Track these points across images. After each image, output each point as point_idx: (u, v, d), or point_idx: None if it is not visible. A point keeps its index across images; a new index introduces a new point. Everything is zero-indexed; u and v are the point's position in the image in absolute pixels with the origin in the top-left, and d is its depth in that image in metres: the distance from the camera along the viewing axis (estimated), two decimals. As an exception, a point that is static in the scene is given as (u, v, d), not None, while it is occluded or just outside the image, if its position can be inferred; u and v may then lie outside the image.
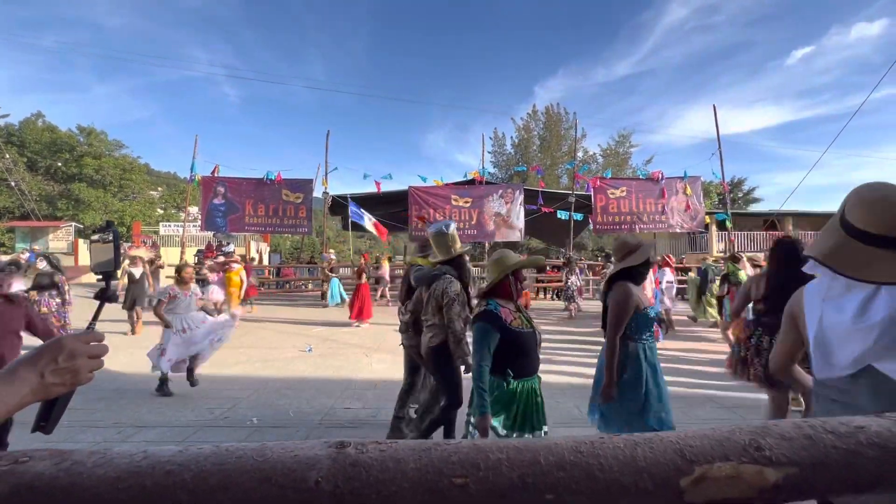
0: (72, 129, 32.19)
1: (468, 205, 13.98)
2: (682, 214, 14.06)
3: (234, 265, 9.64)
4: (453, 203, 13.88)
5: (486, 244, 15.59)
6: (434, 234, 3.25)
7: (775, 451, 0.56)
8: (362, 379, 5.30)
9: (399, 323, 3.55)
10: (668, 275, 8.88)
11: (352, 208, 14.03)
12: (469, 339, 2.42)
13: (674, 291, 9.24)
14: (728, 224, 14.31)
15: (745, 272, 6.75)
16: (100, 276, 0.91)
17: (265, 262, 21.23)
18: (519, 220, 13.95)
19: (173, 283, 4.84)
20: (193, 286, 4.94)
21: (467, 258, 3.41)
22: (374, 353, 6.64)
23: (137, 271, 8.25)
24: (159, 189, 41.18)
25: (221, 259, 10.32)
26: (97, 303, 0.90)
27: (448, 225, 3.26)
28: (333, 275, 12.72)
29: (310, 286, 14.44)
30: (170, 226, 25.58)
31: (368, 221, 14.44)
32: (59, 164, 31.25)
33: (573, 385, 4.93)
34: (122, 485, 0.54)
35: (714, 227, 17.46)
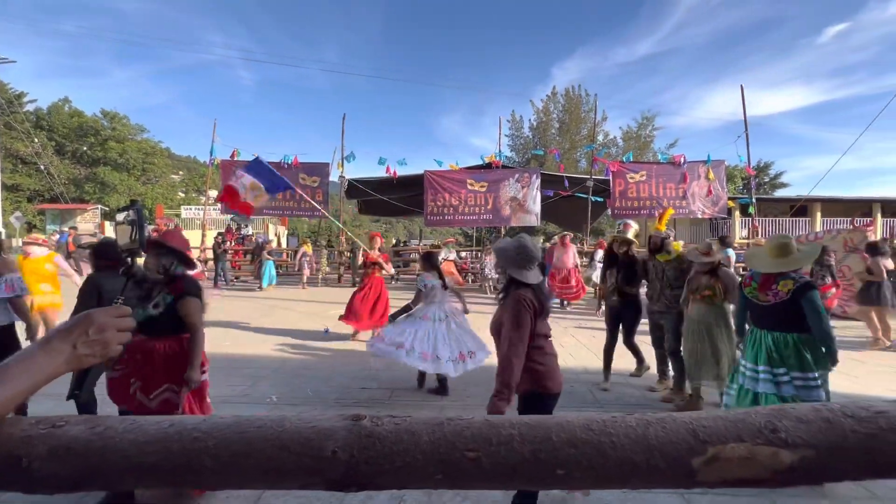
0: (96, 114, 32.92)
1: (484, 189, 13.87)
2: (703, 200, 13.68)
3: (35, 249, 5.06)
4: (469, 187, 13.79)
5: (502, 229, 15.50)
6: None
7: (791, 433, 0.56)
8: (378, 360, 5.40)
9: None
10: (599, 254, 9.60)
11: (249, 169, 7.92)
12: None
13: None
14: (751, 210, 13.89)
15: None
16: (126, 254, 0.94)
17: (283, 244, 21.58)
18: (535, 205, 13.79)
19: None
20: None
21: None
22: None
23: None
24: (180, 173, 42.01)
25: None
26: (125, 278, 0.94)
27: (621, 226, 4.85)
28: (270, 258, 12.89)
29: (326, 269, 14.63)
30: (191, 209, 26.14)
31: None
32: (85, 147, 32.09)
33: (588, 370, 4.95)
34: (150, 448, 0.57)
35: (738, 213, 16.98)
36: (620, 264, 4.54)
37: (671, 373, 4.27)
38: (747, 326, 3.19)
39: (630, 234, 4.71)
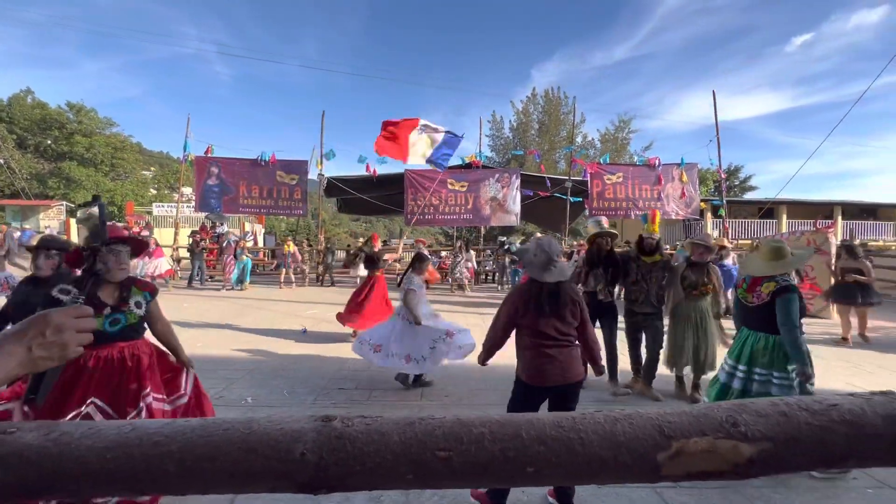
0: (61, 106, 31.50)
1: (464, 189, 13.92)
2: (677, 201, 14.08)
3: None
4: (449, 187, 13.81)
5: (482, 228, 15.58)
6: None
7: (751, 426, 0.58)
8: (356, 360, 5.35)
9: None
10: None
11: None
12: None
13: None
14: (722, 212, 14.36)
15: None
16: (88, 251, 0.90)
17: (260, 243, 21.14)
18: (515, 205, 13.93)
19: None
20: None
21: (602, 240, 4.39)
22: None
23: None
24: (152, 169, 40.62)
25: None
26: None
27: (596, 220, 4.57)
28: (242, 258, 12.55)
29: (305, 268, 14.41)
30: (163, 206, 25.32)
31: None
32: (49, 141, 30.68)
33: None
34: (110, 454, 0.55)
35: (709, 215, 17.52)
36: (607, 262, 4.31)
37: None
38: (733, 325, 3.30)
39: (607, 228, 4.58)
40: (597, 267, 4.34)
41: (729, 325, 3.74)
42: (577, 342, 2.39)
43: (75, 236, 18.39)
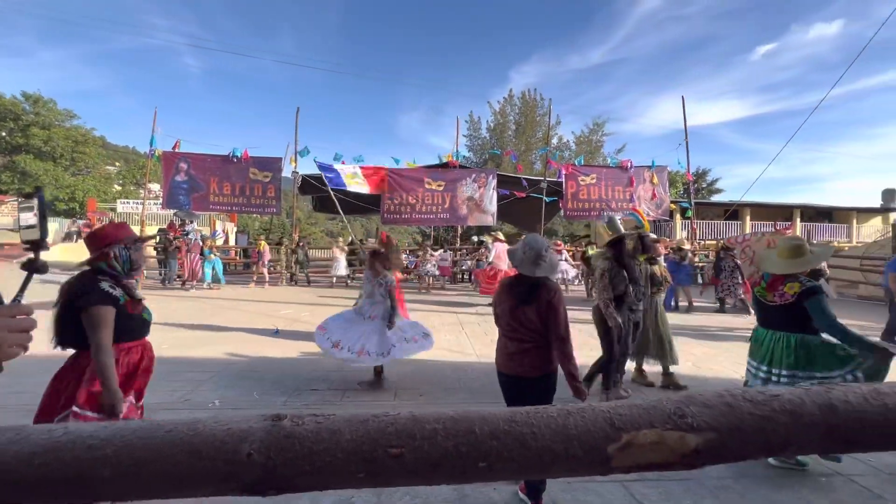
0: (16, 96, 29.77)
1: (441, 188, 13.92)
2: (648, 203, 14.47)
3: None
4: (426, 186, 13.79)
5: (459, 228, 15.62)
6: (605, 223, 4.05)
7: (697, 417, 0.59)
8: (330, 361, 5.27)
9: None
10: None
11: (325, 174, 12.96)
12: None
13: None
14: (690, 213, 14.86)
15: None
16: (27, 246, 0.85)
17: (231, 242, 20.59)
18: (492, 205, 14.02)
19: None
20: None
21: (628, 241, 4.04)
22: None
23: None
24: (117, 164, 38.94)
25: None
26: (25, 274, 0.85)
27: (611, 217, 4.07)
28: (207, 256, 12.31)
29: (278, 267, 14.10)
30: (128, 203, 24.32)
31: (350, 177, 13.14)
32: (3, 133, 28.97)
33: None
34: (39, 461, 0.52)
35: (678, 216, 18.11)
36: (629, 265, 3.89)
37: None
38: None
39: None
40: (630, 271, 3.89)
41: (701, 320, 3.89)
42: (544, 343, 2.38)
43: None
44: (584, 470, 0.57)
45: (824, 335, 2.78)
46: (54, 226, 21.74)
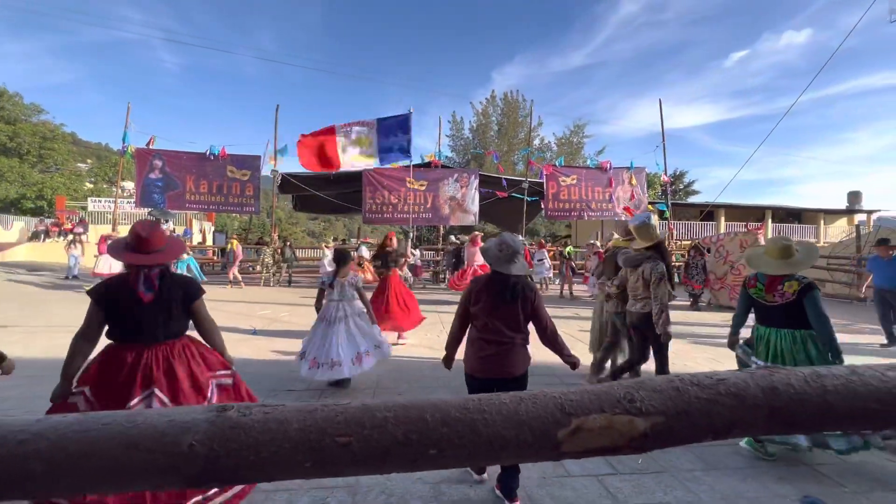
0: (-22, 90, 28.51)
1: (423, 188, 13.90)
2: (626, 203, 14.74)
3: None
4: (408, 185, 13.74)
5: (441, 228, 15.62)
6: (638, 224, 3.86)
7: (646, 402, 0.60)
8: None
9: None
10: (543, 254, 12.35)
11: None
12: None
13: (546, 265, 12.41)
14: (667, 214, 15.19)
15: None
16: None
17: (209, 241, 20.12)
18: (474, 205, 14.07)
19: None
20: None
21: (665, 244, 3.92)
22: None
23: None
24: (88, 161, 37.67)
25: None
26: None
27: (650, 217, 3.91)
28: (187, 254, 12.03)
29: (257, 267, 13.85)
30: (100, 201, 23.51)
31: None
32: (-36, 128, 27.71)
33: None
34: (-38, 456, 0.49)
35: (655, 217, 18.49)
36: (670, 265, 3.77)
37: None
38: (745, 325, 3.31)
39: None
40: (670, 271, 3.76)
41: (675, 316, 3.97)
42: (523, 342, 2.42)
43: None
44: (534, 455, 0.58)
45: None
46: (20, 224, 20.88)
